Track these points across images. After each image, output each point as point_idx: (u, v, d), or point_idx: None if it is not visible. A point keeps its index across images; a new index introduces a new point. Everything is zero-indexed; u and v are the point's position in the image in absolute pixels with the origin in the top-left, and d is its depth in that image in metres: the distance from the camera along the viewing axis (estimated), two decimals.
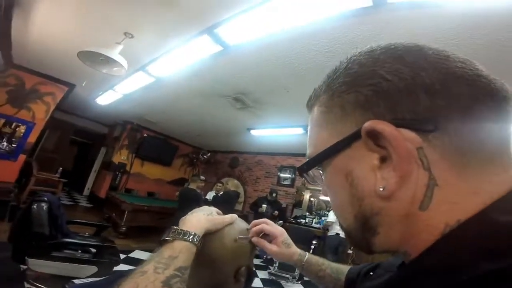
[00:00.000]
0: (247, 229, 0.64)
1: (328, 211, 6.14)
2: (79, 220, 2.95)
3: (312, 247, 4.50)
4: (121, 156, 7.30)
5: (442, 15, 1.83)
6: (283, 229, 0.68)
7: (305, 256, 0.68)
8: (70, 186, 8.24)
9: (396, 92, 0.24)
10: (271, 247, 0.64)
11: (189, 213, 0.58)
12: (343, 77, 0.29)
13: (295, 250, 0.68)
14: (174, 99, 4.65)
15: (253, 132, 5.69)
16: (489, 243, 0.19)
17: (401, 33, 2.11)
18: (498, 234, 0.19)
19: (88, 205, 7.22)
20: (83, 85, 4.42)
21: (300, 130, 5.00)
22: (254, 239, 0.62)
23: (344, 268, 0.66)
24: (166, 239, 0.48)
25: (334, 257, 4.50)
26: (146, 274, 0.39)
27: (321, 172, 0.33)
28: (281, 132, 5.32)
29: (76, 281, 0.57)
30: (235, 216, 0.62)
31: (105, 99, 5.21)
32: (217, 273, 0.56)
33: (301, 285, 4.02)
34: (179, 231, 0.50)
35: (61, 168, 5.97)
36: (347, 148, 0.27)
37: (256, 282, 2.98)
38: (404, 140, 0.23)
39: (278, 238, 0.66)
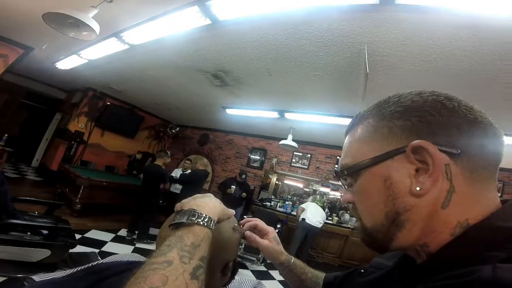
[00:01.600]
0: (239, 224, 0.63)
1: (291, 197, 6.44)
2: (27, 198, 2.59)
3: (277, 230, 4.53)
4: (78, 124, 6.65)
5: (440, 23, 1.88)
6: (273, 228, 0.72)
7: (292, 258, 0.72)
8: (16, 156, 7.17)
9: (436, 124, 0.34)
10: (263, 241, 0.66)
11: (199, 195, 0.52)
12: (395, 107, 0.38)
13: (283, 249, 0.71)
14: (146, 69, 4.29)
15: (228, 111, 5.55)
16: (496, 239, 0.29)
17: (396, 35, 2.16)
18: (500, 234, 0.29)
19: (37, 179, 6.40)
20: (43, 48, 3.84)
21: (275, 114, 5.01)
22: (248, 233, 0.64)
23: (320, 274, 0.72)
24: (184, 222, 0.43)
25: (298, 244, 4.70)
26: (172, 265, 0.35)
27: (345, 181, 0.43)
28: (257, 114, 5.27)
29: (35, 277, 0.49)
30: (233, 211, 0.61)
31: (67, 64, 4.64)
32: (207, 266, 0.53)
33: (264, 267, 4.18)
34: (200, 214, 0.44)
35: (6, 135, 5.25)
36: (389, 160, 0.36)
37: None
38: (441, 159, 0.33)
39: (270, 234, 0.69)
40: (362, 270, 0.56)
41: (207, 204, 0.48)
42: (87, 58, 4.09)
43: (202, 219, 0.44)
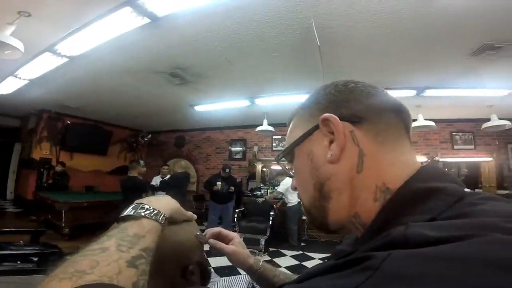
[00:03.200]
0: (202, 232, 0.63)
1: (281, 180, 6.46)
2: (7, 229, 2.61)
3: (271, 218, 4.57)
4: (42, 151, 6.25)
5: None
6: (237, 234, 0.75)
7: (260, 261, 0.70)
8: None
9: (338, 101, 0.39)
10: (228, 247, 0.66)
11: (153, 197, 0.51)
12: (310, 97, 0.44)
13: (250, 253, 0.70)
14: (97, 80, 4.02)
15: (197, 108, 5.38)
16: (417, 200, 0.30)
17: (338, 5, 2.10)
18: (420, 193, 0.31)
19: (17, 210, 6.17)
20: None
21: (246, 102, 4.90)
22: (211, 240, 0.64)
23: (293, 276, 0.70)
24: (131, 215, 0.43)
25: (295, 227, 4.80)
26: (107, 251, 0.34)
27: (286, 166, 0.49)
28: (227, 105, 5.15)
29: None
30: (195, 216, 0.61)
31: (7, 87, 4.25)
32: (161, 272, 0.50)
33: (268, 257, 4.18)
34: (148, 208, 0.44)
35: None
36: (310, 136, 0.40)
37: (222, 260, 3.01)
38: (342, 125, 0.36)
39: (235, 239, 0.68)
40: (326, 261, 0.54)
41: (159, 201, 0.48)
42: (27, 78, 3.78)
43: (150, 212, 0.43)
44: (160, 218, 0.44)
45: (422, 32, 2.44)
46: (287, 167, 0.49)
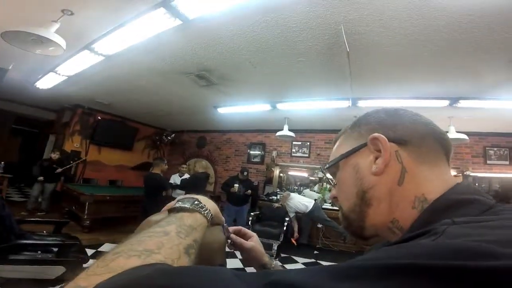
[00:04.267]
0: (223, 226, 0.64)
1: (297, 187, 6.39)
2: (32, 219, 2.73)
3: (286, 224, 4.57)
4: (73, 144, 6.61)
5: None
6: (255, 233, 0.73)
7: (273, 260, 0.73)
8: (20, 181, 7.28)
9: (388, 124, 0.45)
10: (248, 243, 0.68)
11: (196, 195, 0.53)
12: (360, 119, 0.50)
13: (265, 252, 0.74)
14: (129, 79, 4.21)
15: (220, 110, 5.47)
16: (452, 207, 0.35)
17: (370, 11, 2.06)
18: (455, 202, 0.36)
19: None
20: (10, 68, 3.75)
21: (267, 107, 4.91)
22: (233, 236, 0.67)
23: None
24: (187, 207, 0.46)
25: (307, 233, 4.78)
26: (169, 235, 0.36)
27: (330, 176, 0.53)
28: (249, 109, 5.18)
29: None
30: (224, 220, 0.62)
31: (47, 83, 4.56)
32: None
33: (279, 262, 4.15)
34: (202, 205, 0.48)
35: (2, 162, 5.32)
36: (357, 152, 0.46)
37: (235, 262, 3.01)
38: (388, 145, 0.42)
39: (254, 237, 0.71)
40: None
41: (208, 200, 0.51)
42: (65, 74, 4.01)
43: (204, 210, 0.47)
44: (209, 217, 0.47)
45: (457, 39, 2.32)
46: (328, 177, 0.54)
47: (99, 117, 6.86)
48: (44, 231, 2.62)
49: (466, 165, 5.10)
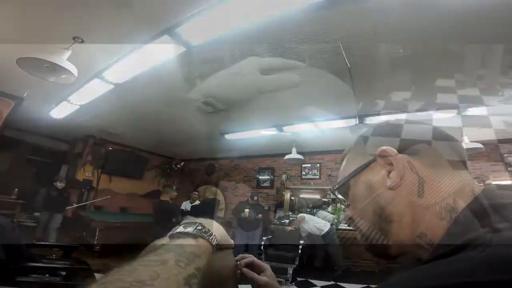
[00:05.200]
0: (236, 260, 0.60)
1: (310, 210, 6.17)
2: (41, 243, 2.83)
3: (300, 247, 4.41)
4: (85, 173, 6.76)
5: None
6: (268, 265, 0.67)
7: (288, 286, 0.68)
8: (33, 207, 7.38)
9: (394, 136, 0.44)
10: (261, 278, 0.62)
11: (200, 219, 0.49)
12: (365, 135, 0.49)
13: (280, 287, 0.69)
14: (137, 107, 4.34)
15: (227, 136, 5.50)
16: (487, 214, 0.32)
17: (364, 25, 2.09)
18: (488, 208, 0.33)
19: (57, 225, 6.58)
20: (25, 95, 3.97)
21: (274, 130, 4.91)
22: (245, 270, 0.61)
23: None
24: (189, 232, 0.42)
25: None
26: (167, 264, 0.32)
27: (341, 197, 0.52)
28: (256, 134, 5.19)
29: None
30: (232, 243, 0.58)
31: (60, 112, 4.74)
32: None
33: (295, 287, 3.91)
34: (205, 229, 0.43)
35: (16, 189, 5.53)
36: (367, 168, 0.45)
37: None
38: (399, 156, 0.41)
39: (267, 271, 0.64)
40: None
41: (213, 223, 0.48)
42: (78, 103, 4.15)
43: (208, 235, 0.43)
44: (214, 242, 0.43)
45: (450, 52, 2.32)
46: (340, 198, 0.53)
47: (110, 148, 7.04)
48: (54, 255, 2.65)
49: (486, 173, 4.92)
